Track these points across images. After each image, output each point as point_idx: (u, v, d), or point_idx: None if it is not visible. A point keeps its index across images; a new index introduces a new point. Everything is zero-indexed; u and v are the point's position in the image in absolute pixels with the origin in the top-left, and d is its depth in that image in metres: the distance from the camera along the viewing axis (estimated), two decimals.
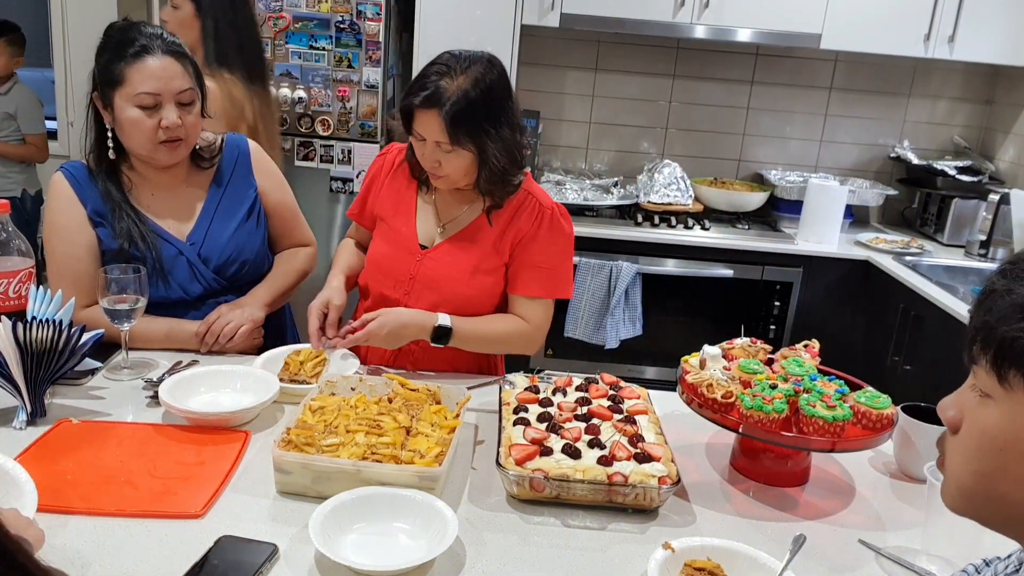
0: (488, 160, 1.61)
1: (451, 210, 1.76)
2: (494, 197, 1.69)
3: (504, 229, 1.72)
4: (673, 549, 1.12)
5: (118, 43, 1.63)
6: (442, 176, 1.65)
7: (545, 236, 1.72)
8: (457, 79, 1.56)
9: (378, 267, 1.78)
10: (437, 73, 1.57)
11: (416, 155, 1.68)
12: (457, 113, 1.54)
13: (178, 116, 1.64)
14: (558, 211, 1.74)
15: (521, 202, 1.72)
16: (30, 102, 4.01)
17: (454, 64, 1.57)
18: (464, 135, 1.57)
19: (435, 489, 1.23)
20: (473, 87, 1.56)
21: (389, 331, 1.63)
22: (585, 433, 1.35)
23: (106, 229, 1.70)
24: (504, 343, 1.77)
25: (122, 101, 1.63)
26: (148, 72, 1.61)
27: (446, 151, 1.59)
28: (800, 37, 3.21)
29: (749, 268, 3.19)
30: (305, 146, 3.16)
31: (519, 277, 1.74)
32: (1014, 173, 3.49)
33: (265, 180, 1.88)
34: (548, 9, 3.17)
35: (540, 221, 1.72)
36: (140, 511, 1.18)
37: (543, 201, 1.74)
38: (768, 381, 1.40)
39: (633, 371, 3.31)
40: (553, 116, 3.70)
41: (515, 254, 1.73)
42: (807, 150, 3.76)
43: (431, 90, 1.55)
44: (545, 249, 1.73)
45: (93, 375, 1.59)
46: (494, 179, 1.64)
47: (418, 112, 1.58)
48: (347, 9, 3.04)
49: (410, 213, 1.78)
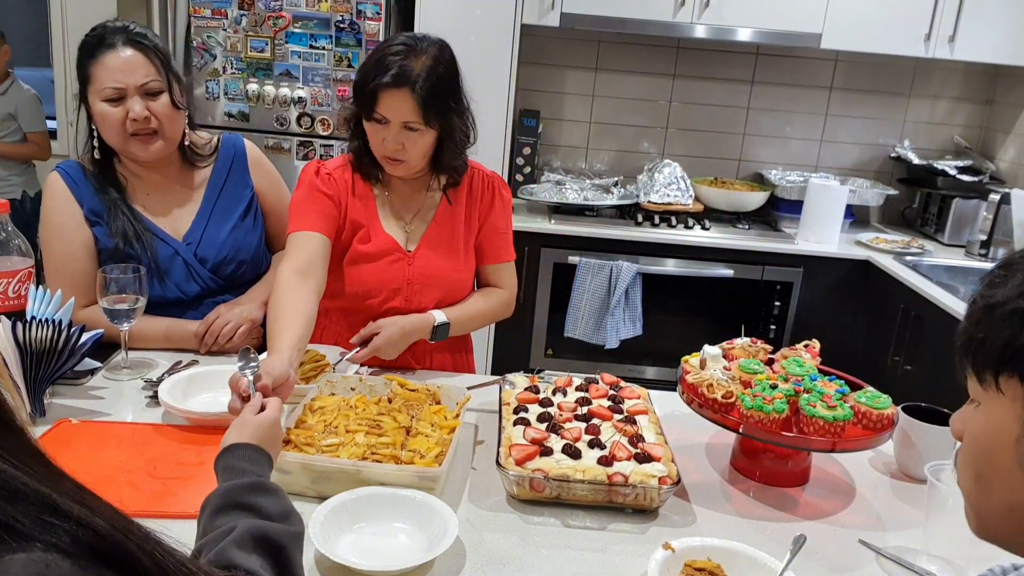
0: (454, 136, 1.63)
1: (409, 203, 1.76)
2: (451, 175, 1.72)
3: (467, 206, 1.77)
4: (673, 549, 1.12)
5: (89, 43, 1.66)
6: (403, 161, 1.63)
7: (499, 203, 1.80)
8: (421, 58, 1.56)
9: (368, 286, 1.72)
10: (398, 54, 1.55)
11: (372, 141, 1.63)
12: (429, 89, 1.55)
13: (144, 107, 1.64)
14: (499, 178, 1.83)
15: (470, 176, 1.78)
16: (29, 100, 4.01)
17: (413, 44, 1.57)
18: (434, 113, 1.57)
19: (435, 489, 1.23)
20: (437, 64, 1.57)
21: (393, 342, 1.64)
22: (585, 433, 1.35)
23: (102, 228, 1.70)
24: (491, 315, 1.84)
25: (93, 98, 1.66)
26: (111, 66, 1.63)
27: (412, 130, 1.58)
28: (800, 37, 3.21)
29: (749, 268, 3.19)
30: (305, 146, 3.15)
31: (490, 247, 1.81)
32: (1014, 173, 3.49)
33: (262, 179, 1.88)
34: (548, 9, 3.17)
35: (492, 190, 1.79)
36: (140, 511, 1.17)
37: (485, 172, 1.81)
38: (768, 381, 1.40)
39: (633, 371, 3.31)
40: (553, 116, 3.69)
41: (483, 228, 1.79)
42: (807, 150, 3.76)
43: (397, 70, 1.54)
44: (502, 215, 1.81)
45: (93, 375, 1.59)
46: (455, 155, 1.67)
47: (387, 92, 1.55)
48: (347, 9, 3.03)
49: (375, 222, 1.74)
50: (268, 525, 0.91)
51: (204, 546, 0.88)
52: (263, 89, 3.08)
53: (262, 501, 0.96)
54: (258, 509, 0.95)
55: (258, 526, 0.90)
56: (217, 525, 0.91)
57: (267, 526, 0.91)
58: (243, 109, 3.11)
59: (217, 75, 3.08)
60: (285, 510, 0.97)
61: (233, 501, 0.95)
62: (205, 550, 0.87)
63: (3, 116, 3.92)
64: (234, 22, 3.03)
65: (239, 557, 0.85)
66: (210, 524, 0.93)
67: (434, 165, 1.69)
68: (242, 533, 0.88)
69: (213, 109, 3.11)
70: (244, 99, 3.09)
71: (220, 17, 3.03)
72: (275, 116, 3.11)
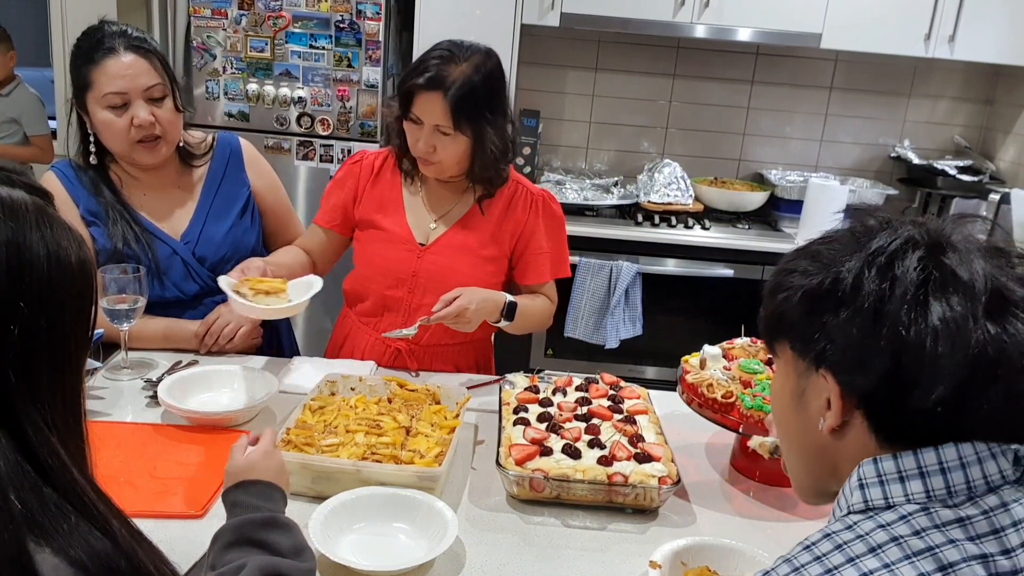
0: (485, 147, 1.64)
1: (442, 204, 1.77)
2: (486, 186, 1.72)
3: (501, 220, 1.76)
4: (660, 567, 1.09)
5: (85, 47, 1.63)
6: (435, 163, 1.65)
7: (545, 223, 1.79)
8: (460, 65, 1.58)
9: (376, 268, 1.77)
10: (440, 58, 1.59)
11: (409, 140, 1.67)
12: (461, 97, 1.57)
13: (149, 112, 1.64)
14: (548, 196, 1.82)
15: (513, 193, 1.77)
16: (33, 103, 4.00)
17: (456, 51, 1.60)
18: (465, 119, 1.59)
19: (435, 489, 1.23)
20: (475, 73, 1.59)
21: (476, 306, 1.60)
22: (585, 433, 1.35)
23: (99, 228, 1.69)
24: (541, 320, 1.84)
25: (93, 104, 1.63)
26: (112, 72, 1.61)
27: (444, 135, 1.61)
28: (800, 37, 3.21)
29: (749, 268, 3.19)
30: (305, 145, 3.15)
31: (532, 267, 1.80)
32: (1014, 173, 3.48)
33: (258, 178, 1.88)
34: (548, 8, 3.17)
35: (536, 209, 1.78)
36: (140, 511, 1.17)
37: (532, 189, 1.80)
38: (768, 381, 1.39)
39: (633, 371, 3.31)
40: (553, 116, 3.69)
41: (520, 246, 1.78)
42: (807, 150, 3.76)
43: (434, 72, 1.57)
44: (548, 235, 1.80)
45: (93, 375, 1.58)
46: (487, 167, 1.67)
47: (420, 94, 1.59)
48: (347, 8, 3.03)
49: (399, 210, 1.77)
50: (280, 562, 0.91)
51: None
52: (263, 89, 3.08)
53: (275, 537, 0.95)
54: (270, 546, 0.94)
55: (270, 563, 0.90)
56: (227, 560, 0.91)
57: (279, 563, 0.90)
58: (243, 109, 3.11)
59: (217, 75, 3.08)
60: (297, 547, 0.96)
61: (245, 537, 0.95)
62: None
63: (6, 119, 3.92)
64: (234, 22, 3.03)
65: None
66: (220, 559, 0.92)
67: (469, 174, 1.71)
68: (253, 571, 0.87)
69: (213, 109, 3.11)
70: (244, 99, 3.09)
71: (220, 17, 3.03)
72: (275, 116, 3.11)
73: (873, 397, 0.72)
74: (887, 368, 0.70)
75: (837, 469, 0.78)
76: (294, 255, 1.80)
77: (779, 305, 0.79)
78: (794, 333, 0.78)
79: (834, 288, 0.73)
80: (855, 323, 0.72)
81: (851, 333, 0.72)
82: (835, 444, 0.77)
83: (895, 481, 0.70)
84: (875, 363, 0.70)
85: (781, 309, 0.79)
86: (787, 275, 0.79)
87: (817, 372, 0.76)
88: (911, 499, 0.69)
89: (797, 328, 0.78)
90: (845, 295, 0.72)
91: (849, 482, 0.74)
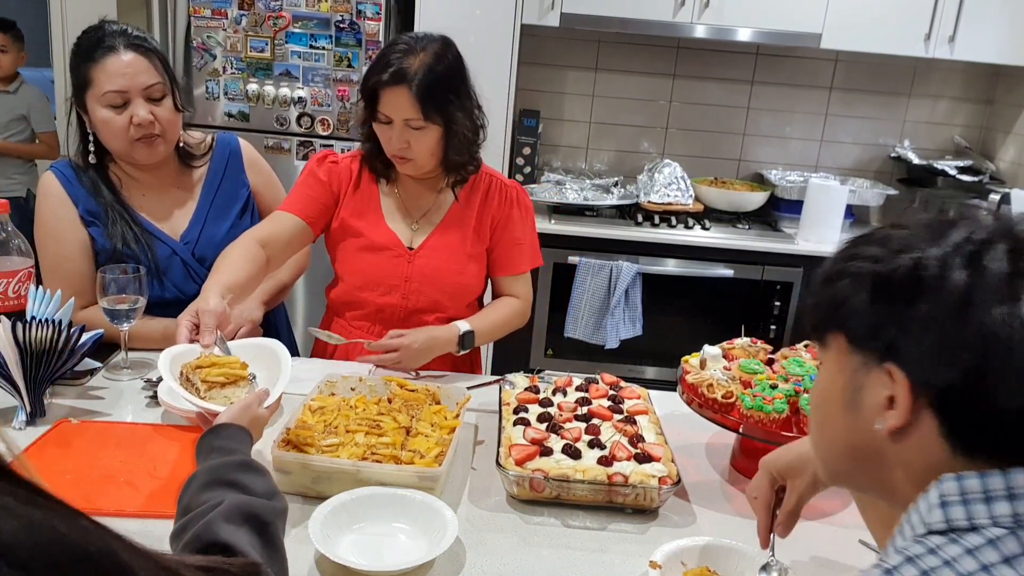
0: (456, 132, 1.64)
1: (419, 203, 1.77)
2: (459, 172, 1.73)
3: (480, 214, 1.77)
4: (660, 567, 1.10)
5: (85, 46, 1.64)
6: (411, 159, 1.65)
7: (518, 213, 1.81)
8: (420, 55, 1.59)
9: (368, 278, 1.75)
10: (399, 52, 1.59)
11: (382, 141, 1.66)
12: (426, 86, 1.57)
13: (149, 111, 1.64)
14: (520, 187, 1.84)
15: (488, 184, 1.79)
16: (39, 100, 4.02)
17: (413, 43, 1.61)
18: (433, 108, 1.59)
19: (435, 489, 1.23)
20: (436, 62, 1.59)
21: (419, 346, 1.62)
22: (585, 433, 1.35)
23: (99, 228, 1.69)
24: (509, 326, 1.83)
25: (93, 103, 1.63)
26: (112, 70, 1.61)
27: (416, 128, 1.61)
28: (800, 37, 3.21)
29: (749, 268, 3.19)
30: (305, 145, 3.15)
31: (506, 258, 1.81)
32: (1014, 173, 3.48)
33: (257, 178, 1.88)
34: (548, 9, 3.17)
35: (509, 200, 1.79)
36: (140, 511, 1.18)
37: (505, 181, 1.82)
38: (768, 381, 1.40)
39: (633, 371, 3.31)
40: (553, 116, 3.69)
41: (495, 237, 1.79)
42: (807, 150, 3.76)
43: (396, 67, 1.57)
44: (520, 225, 1.81)
45: (92, 375, 1.59)
46: (460, 151, 1.67)
47: (386, 91, 1.59)
48: (347, 9, 3.03)
49: (378, 216, 1.76)
50: (255, 501, 0.92)
51: (189, 522, 0.89)
52: (263, 89, 3.08)
53: (249, 479, 0.97)
54: (245, 486, 0.96)
55: (245, 501, 0.91)
56: (203, 500, 0.92)
57: (254, 502, 0.92)
58: (243, 109, 3.11)
59: (217, 75, 3.08)
60: (270, 489, 0.98)
61: (220, 478, 0.96)
62: (190, 525, 0.88)
63: (15, 116, 3.93)
64: (234, 22, 3.03)
65: (226, 531, 0.85)
66: (196, 499, 0.94)
67: (443, 163, 1.71)
68: (229, 507, 0.89)
69: (213, 109, 3.11)
70: (244, 99, 3.09)
71: (220, 17, 3.03)
72: (275, 116, 3.11)
73: (950, 397, 0.66)
74: (971, 364, 0.64)
75: (887, 472, 0.72)
76: (249, 267, 1.55)
77: (838, 292, 0.73)
78: (855, 323, 0.72)
79: (913, 275, 0.68)
80: (938, 313, 0.66)
81: (931, 324, 0.66)
82: (893, 447, 0.70)
83: (979, 501, 0.64)
84: (958, 358, 0.65)
85: (841, 296, 0.73)
86: (849, 260, 0.73)
87: (880, 366, 0.70)
88: (997, 522, 0.63)
89: (860, 317, 0.71)
90: (926, 283, 0.67)
91: (927, 499, 0.67)
